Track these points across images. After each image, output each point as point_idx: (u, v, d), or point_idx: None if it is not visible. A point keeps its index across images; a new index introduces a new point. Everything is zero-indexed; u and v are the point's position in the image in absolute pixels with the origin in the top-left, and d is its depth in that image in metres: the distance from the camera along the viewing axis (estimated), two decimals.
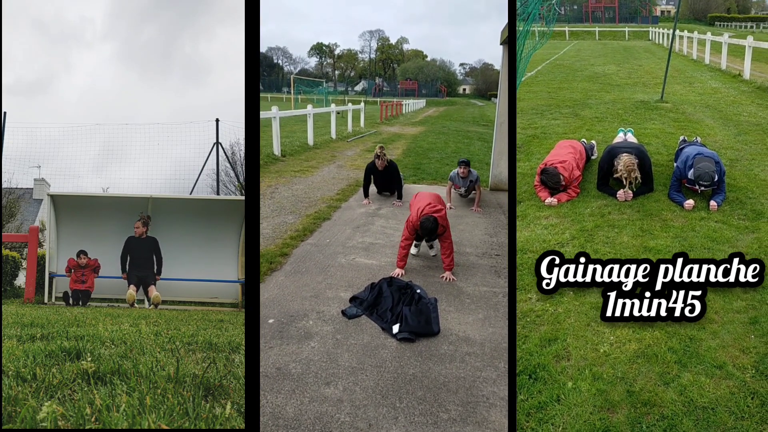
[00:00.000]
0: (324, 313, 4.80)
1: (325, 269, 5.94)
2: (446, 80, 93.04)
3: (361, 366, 3.94)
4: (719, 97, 11.69)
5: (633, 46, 29.37)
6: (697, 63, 18.44)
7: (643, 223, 5.72)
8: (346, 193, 10.07)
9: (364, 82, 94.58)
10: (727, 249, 5.18)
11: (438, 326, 4.58)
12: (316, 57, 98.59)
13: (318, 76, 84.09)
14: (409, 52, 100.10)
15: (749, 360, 3.81)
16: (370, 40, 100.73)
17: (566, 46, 29.39)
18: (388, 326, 4.53)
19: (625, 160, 6.22)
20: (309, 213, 8.34)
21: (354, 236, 7.26)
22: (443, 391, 3.67)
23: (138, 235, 8.49)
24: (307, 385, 3.67)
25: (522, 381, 3.75)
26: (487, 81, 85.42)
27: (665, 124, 9.14)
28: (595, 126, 9.07)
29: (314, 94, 47.33)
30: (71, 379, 2.91)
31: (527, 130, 8.88)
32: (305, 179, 11.33)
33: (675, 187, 6.16)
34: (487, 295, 5.42)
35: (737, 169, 6.91)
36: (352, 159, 14.67)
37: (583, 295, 4.59)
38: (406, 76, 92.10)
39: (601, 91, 12.72)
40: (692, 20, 53.45)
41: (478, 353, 4.19)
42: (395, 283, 5.29)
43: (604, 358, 3.89)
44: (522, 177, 6.89)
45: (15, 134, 13.87)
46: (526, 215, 6.03)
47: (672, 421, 3.35)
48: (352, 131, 21.84)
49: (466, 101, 75.76)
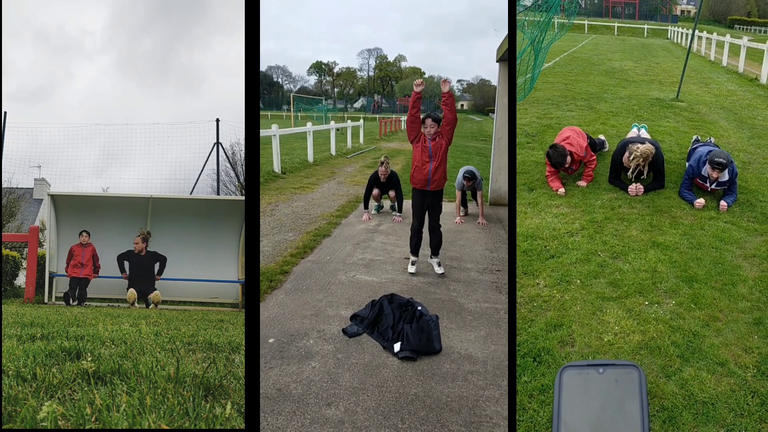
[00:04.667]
0: (325, 332, 4.70)
1: (325, 287, 5.85)
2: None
3: (363, 386, 3.85)
4: (735, 99, 11.64)
5: (651, 43, 29.17)
6: (714, 64, 18.32)
7: (652, 218, 5.73)
8: (346, 209, 10.02)
9: (363, 99, 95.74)
10: (734, 250, 5.20)
11: (440, 344, 4.48)
12: (315, 75, 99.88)
13: (317, 94, 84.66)
14: (407, 69, 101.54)
15: (751, 359, 3.83)
16: (369, 58, 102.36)
17: (584, 39, 29.19)
18: (389, 345, 4.44)
19: (645, 147, 6.20)
20: (309, 230, 8.28)
21: (354, 253, 7.18)
22: (446, 411, 3.58)
23: (137, 252, 8.49)
24: (308, 406, 3.56)
25: (526, 363, 3.79)
26: (485, 97, 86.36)
27: (679, 123, 9.12)
28: (610, 120, 9.04)
29: (314, 112, 47.66)
30: (71, 379, 2.90)
31: (542, 119, 8.86)
32: (305, 196, 11.31)
33: (686, 185, 6.17)
34: (488, 311, 5.34)
35: (749, 172, 6.90)
36: (351, 175, 14.70)
37: (590, 284, 4.62)
38: (405, 92, 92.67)
39: (617, 86, 12.66)
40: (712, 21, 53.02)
41: (480, 371, 4.11)
42: (396, 300, 5.20)
43: (607, 347, 3.92)
44: (535, 165, 6.90)
45: (17, 137, 13.89)
46: (538, 203, 6.04)
47: (672, 413, 3.37)
48: (352, 147, 21.95)
49: (464, 117, 76.48)
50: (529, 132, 8.17)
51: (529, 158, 7.16)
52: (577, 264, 4.91)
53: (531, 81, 9.09)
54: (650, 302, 4.41)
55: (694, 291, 4.55)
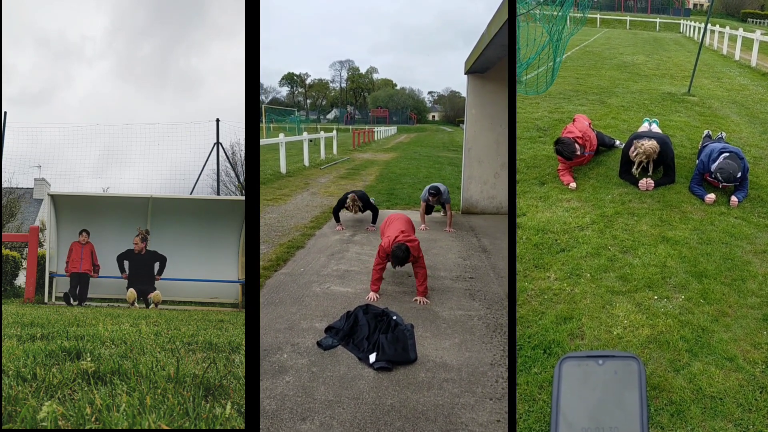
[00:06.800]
0: (299, 345, 4.66)
1: (299, 299, 5.82)
2: (416, 108, 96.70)
3: (338, 399, 3.81)
4: (747, 94, 11.57)
5: (663, 37, 28.95)
6: (726, 59, 18.19)
7: (662, 213, 5.74)
8: (320, 220, 10.00)
9: (336, 110, 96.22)
10: (744, 245, 5.20)
11: (415, 353, 4.47)
12: (287, 86, 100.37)
13: (290, 105, 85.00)
14: (379, 81, 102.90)
15: (760, 355, 3.85)
16: (341, 70, 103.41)
17: (597, 33, 29.00)
18: (364, 356, 4.43)
19: (648, 145, 6.22)
20: (282, 242, 8.25)
21: (329, 264, 7.17)
22: (422, 420, 3.57)
23: (137, 252, 8.53)
24: (282, 421, 3.53)
25: (537, 354, 3.83)
26: (455, 108, 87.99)
27: (691, 117, 9.08)
28: (621, 114, 9.02)
29: (286, 123, 47.66)
30: (71, 379, 2.91)
31: (554, 114, 8.85)
32: (278, 207, 11.27)
33: (697, 181, 6.17)
34: (462, 318, 5.37)
35: (761, 167, 6.88)
36: (325, 186, 14.71)
37: (600, 278, 4.65)
38: (377, 104, 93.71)
39: (629, 81, 12.61)
40: (725, 15, 52.54)
41: (455, 379, 4.11)
42: (371, 311, 5.18)
43: (617, 340, 3.96)
44: (546, 159, 6.91)
45: (18, 137, 13.91)
46: (549, 197, 6.06)
47: (680, 406, 3.41)
48: (325, 158, 21.95)
49: (435, 128, 77.37)
50: (541, 126, 8.17)
51: (541, 152, 7.17)
52: (588, 258, 4.94)
53: (552, 72, 9.07)
54: (659, 297, 4.44)
55: (703, 286, 4.57)
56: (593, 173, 6.62)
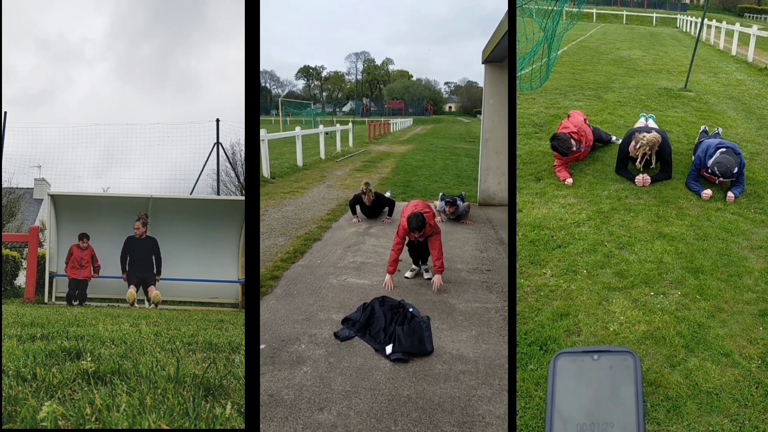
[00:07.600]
0: (316, 336, 4.70)
1: (316, 291, 5.86)
2: (432, 99, 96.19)
3: (355, 389, 3.84)
4: (743, 89, 11.57)
5: (660, 32, 28.96)
6: (723, 54, 18.19)
7: (659, 209, 5.74)
8: (337, 213, 10.02)
9: (351, 102, 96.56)
10: (741, 241, 5.21)
11: (431, 345, 4.49)
12: (303, 79, 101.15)
13: (306, 98, 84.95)
14: (395, 72, 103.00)
15: (756, 351, 3.85)
16: (356, 62, 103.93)
17: (593, 28, 29.00)
18: (381, 347, 4.44)
19: (651, 136, 6.21)
20: (299, 234, 8.28)
21: (345, 256, 7.20)
22: (438, 411, 3.58)
23: (138, 236, 8.51)
24: (300, 411, 3.57)
25: (533, 351, 3.83)
26: (472, 98, 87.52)
27: (687, 113, 9.08)
28: (617, 110, 9.02)
29: (302, 116, 47.64)
30: (71, 379, 2.89)
31: (550, 109, 8.85)
32: (295, 200, 11.30)
33: (693, 176, 6.17)
34: (479, 311, 5.37)
35: (757, 163, 6.89)
36: (341, 179, 14.73)
37: (596, 275, 4.65)
38: (393, 95, 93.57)
39: (625, 76, 12.61)
40: (721, 10, 52.54)
41: (472, 371, 4.12)
42: (387, 303, 5.20)
43: (613, 336, 3.96)
44: (542, 155, 6.90)
45: (18, 137, 13.89)
46: (545, 193, 6.06)
47: (676, 402, 3.41)
48: (341, 151, 22.01)
49: (452, 119, 76.89)
50: (537, 122, 8.17)
51: (536, 148, 7.17)
52: (584, 254, 4.94)
53: (547, 68, 9.05)
54: (656, 293, 4.44)
55: (699, 282, 4.58)
56: (589, 169, 6.62)
